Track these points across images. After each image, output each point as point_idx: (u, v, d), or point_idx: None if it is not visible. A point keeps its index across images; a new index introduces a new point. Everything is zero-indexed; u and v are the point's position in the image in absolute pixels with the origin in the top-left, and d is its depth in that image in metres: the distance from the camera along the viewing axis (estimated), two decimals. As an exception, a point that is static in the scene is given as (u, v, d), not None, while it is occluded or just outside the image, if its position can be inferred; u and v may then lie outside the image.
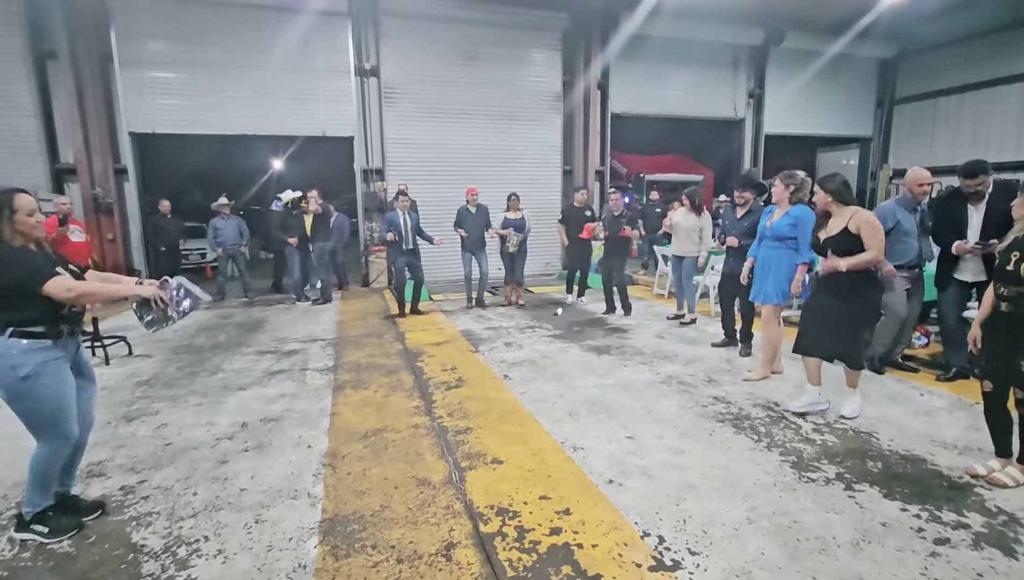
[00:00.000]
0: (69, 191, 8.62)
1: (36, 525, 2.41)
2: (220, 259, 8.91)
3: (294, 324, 6.94)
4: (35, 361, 2.22)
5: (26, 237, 2.25)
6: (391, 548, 2.34)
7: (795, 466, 2.99)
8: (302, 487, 2.87)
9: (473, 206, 7.51)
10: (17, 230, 2.20)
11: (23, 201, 2.22)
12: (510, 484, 2.87)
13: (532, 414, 3.81)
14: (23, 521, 2.42)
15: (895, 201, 4.39)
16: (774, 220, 4.25)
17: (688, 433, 3.45)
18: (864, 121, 13.71)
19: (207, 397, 4.28)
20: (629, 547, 2.33)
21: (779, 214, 4.24)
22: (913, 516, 2.52)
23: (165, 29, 8.72)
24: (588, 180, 11.04)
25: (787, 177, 4.17)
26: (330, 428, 3.63)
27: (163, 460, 3.22)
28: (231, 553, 2.34)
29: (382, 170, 9.99)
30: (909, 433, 3.39)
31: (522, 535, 2.43)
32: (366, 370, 4.94)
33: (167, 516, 2.62)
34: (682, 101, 11.98)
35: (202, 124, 9.17)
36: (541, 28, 10.50)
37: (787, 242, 4.14)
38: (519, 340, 5.90)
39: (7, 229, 2.18)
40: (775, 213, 4.29)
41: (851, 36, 11.46)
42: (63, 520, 2.47)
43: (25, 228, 2.22)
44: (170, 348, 5.84)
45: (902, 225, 4.24)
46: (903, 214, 4.26)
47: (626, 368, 4.82)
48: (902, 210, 4.28)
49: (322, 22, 9.06)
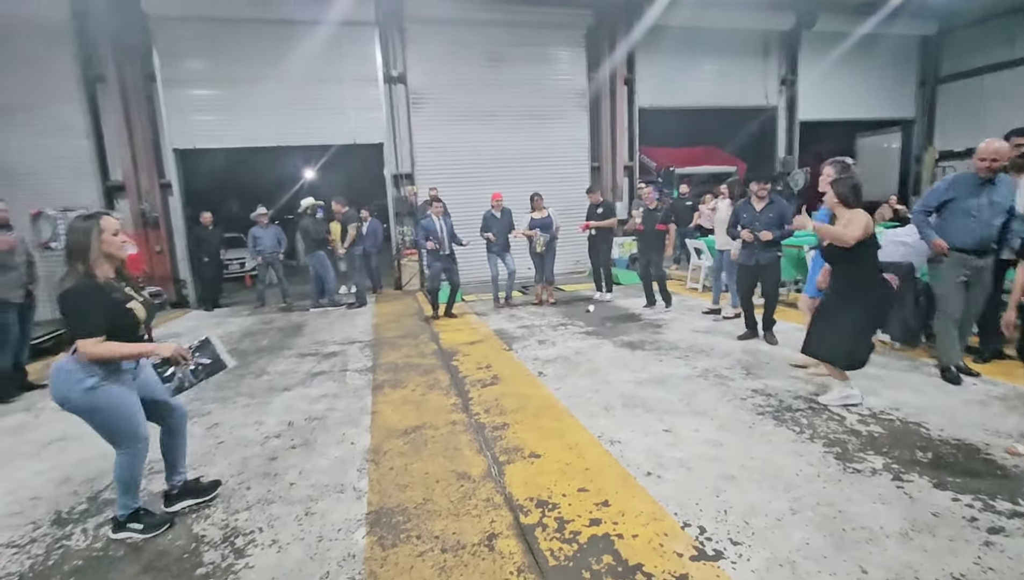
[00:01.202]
0: (119, 206, 9.11)
1: (131, 523, 2.57)
2: (259, 267, 9.24)
3: (331, 327, 7.16)
4: (98, 373, 2.35)
5: (111, 258, 2.41)
6: (435, 538, 2.42)
7: (839, 457, 2.93)
8: (348, 481, 2.98)
9: (498, 211, 7.63)
10: (104, 251, 2.35)
11: (109, 222, 2.39)
12: (548, 477, 2.91)
13: (568, 409, 3.84)
14: (118, 522, 2.57)
15: (954, 176, 4.01)
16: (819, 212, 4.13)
17: (726, 426, 3.41)
18: (906, 102, 13.14)
19: (254, 398, 4.47)
20: (670, 537, 2.34)
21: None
22: (966, 506, 2.44)
23: (202, 48, 9.12)
24: (617, 176, 10.98)
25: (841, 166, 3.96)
26: (371, 425, 3.75)
27: (217, 457, 3.39)
28: (285, 543, 2.45)
29: (412, 175, 10.18)
30: (960, 422, 3.28)
31: (562, 526, 2.46)
32: (403, 370, 5.06)
33: (224, 509, 2.77)
34: (711, 91, 11.75)
35: (239, 137, 9.53)
36: (565, 26, 10.50)
37: None
38: (552, 337, 5.93)
39: (95, 250, 2.32)
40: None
41: (887, 14, 11.01)
42: (156, 516, 2.64)
43: (111, 248, 2.38)
44: (217, 353, 6.09)
45: (959, 203, 3.82)
46: (961, 190, 3.84)
47: (661, 363, 4.80)
48: (960, 185, 3.86)
49: (349, 32, 9.29)
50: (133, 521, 2.57)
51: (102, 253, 2.35)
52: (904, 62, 12.84)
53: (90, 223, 2.33)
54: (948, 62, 12.60)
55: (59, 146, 8.79)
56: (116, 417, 2.41)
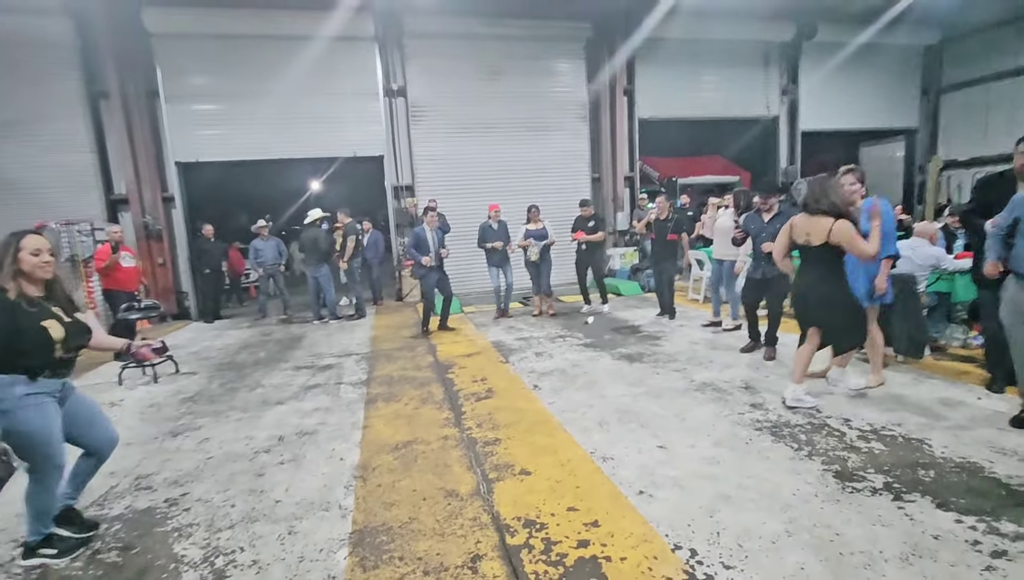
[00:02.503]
0: (122, 220, 9.17)
1: (44, 549, 2.49)
2: (260, 279, 9.26)
3: (329, 339, 7.13)
4: (13, 395, 2.27)
5: (28, 276, 2.35)
6: (418, 560, 2.35)
7: (838, 476, 2.85)
8: (334, 499, 2.92)
9: (495, 222, 7.63)
10: (21, 269, 2.32)
11: (32, 241, 2.35)
12: (538, 495, 2.84)
13: (561, 424, 3.77)
14: (29, 548, 2.48)
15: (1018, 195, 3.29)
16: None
17: (723, 442, 3.33)
18: (908, 112, 13.08)
19: (247, 412, 4.43)
20: (659, 560, 2.26)
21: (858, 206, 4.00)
22: (968, 528, 2.35)
23: (204, 64, 9.24)
24: (617, 186, 10.96)
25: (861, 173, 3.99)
26: (362, 441, 3.70)
27: (204, 473, 3.35)
28: (265, 564, 2.40)
29: (412, 187, 10.21)
30: (965, 439, 3.18)
31: (549, 547, 2.39)
32: (398, 383, 5.01)
33: (207, 527, 2.72)
34: (711, 102, 11.75)
35: (241, 151, 9.61)
36: (564, 39, 10.56)
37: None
38: (549, 350, 5.87)
39: (6, 267, 2.29)
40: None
41: (887, 24, 11.00)
42: (70, 541, 2.55)
43: (27, 266, 2.33)
44: (214, 365, 6.09)
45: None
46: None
47: (658, 376, 4.72)
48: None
49: (350, 47, 9.38)
50: (45, 547, 2.49)
51: (15, 270, 2.31)
52: (907, 71, 12.80)
53: (9, 240, 2.32)
54: (951, 71, 12.55)
55: (63, 160, 8.89)
56: (31, 442, 2.31)
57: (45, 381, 2.39)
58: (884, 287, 3.87)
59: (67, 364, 2.51)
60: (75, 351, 2.53)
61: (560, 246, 7.89)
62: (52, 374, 2.42)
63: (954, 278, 4.85)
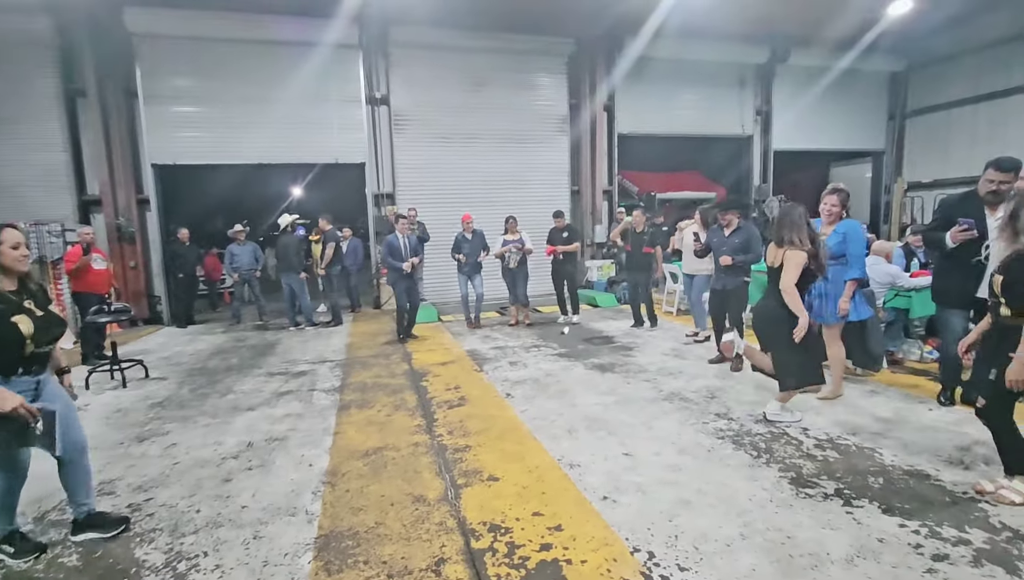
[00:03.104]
0: (94, 221, 9.00)
1: (3, 545, 2.49)
2: (236, 284, 9.15)
3: (304, 346, 7.08)
4: None
5: (7, 269, 2.35)
6: (383, 564, 2.38)
7: (793, 482, 2.96)
8: (301, 504, 2.93)
9: (469, 232, 7.73)
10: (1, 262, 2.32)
11: (8, 234, 2.34)
12: (504, 501, 2.88)
13: (531, 432, 3.83)
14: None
15: None
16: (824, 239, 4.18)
17: (687, 450, 3.43)
18: (876, 134, 13.60)
19: (216, 418, 4.39)
20: (619, 563, 2.33)
21: (828, 232, 4.12)
22: (912, 532, 2.47)
23: (186, 66, 9.16)
24: (596, 199, 11.14)
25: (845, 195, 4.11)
26: (332, 447, 3.70)
27: (170, 479, 3.31)
28: (228, 568, 2.39)
29: (393, 195, 10.23)
30: (914, 448, 3.33)
31: (512, 551, 2.44)
32: (371, 390, 5.01)
33: (170, 532, 2.70)
34: (689, 120, 12.06)
35: (221, 155, 9.52)
36: (547, 53, 10.75)
37: (839, 260, 4.01)
38: (524, 359, 5.93)
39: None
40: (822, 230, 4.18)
41: (857, 51, 11.49)
42: (30, 543, 2.56)
43: (7, 260, 2.32)
44: (185, 371, 6.00)
45: None
46: None
47: (629, 385, 4.82)
48: None
49: (334, 54, 9.41)
50: (6, 543, 2.50)
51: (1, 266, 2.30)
52: (874, 96, 13.33)
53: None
54: (915, 97, 13.10)
55: (35, 159, 8.71)
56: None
57: (18, 380, 2.35)
58: (846, 309, 4.03)
59: (40, 360, 2.45)
60: (48, 345, 2.48)
61: (537, 257, 7.99)
62: (26, 371, 2.38)
63: (911, 295, 5.06)
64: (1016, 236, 2.57)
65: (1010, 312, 2.58)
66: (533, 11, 9.60)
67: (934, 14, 10.30)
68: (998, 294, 2.61)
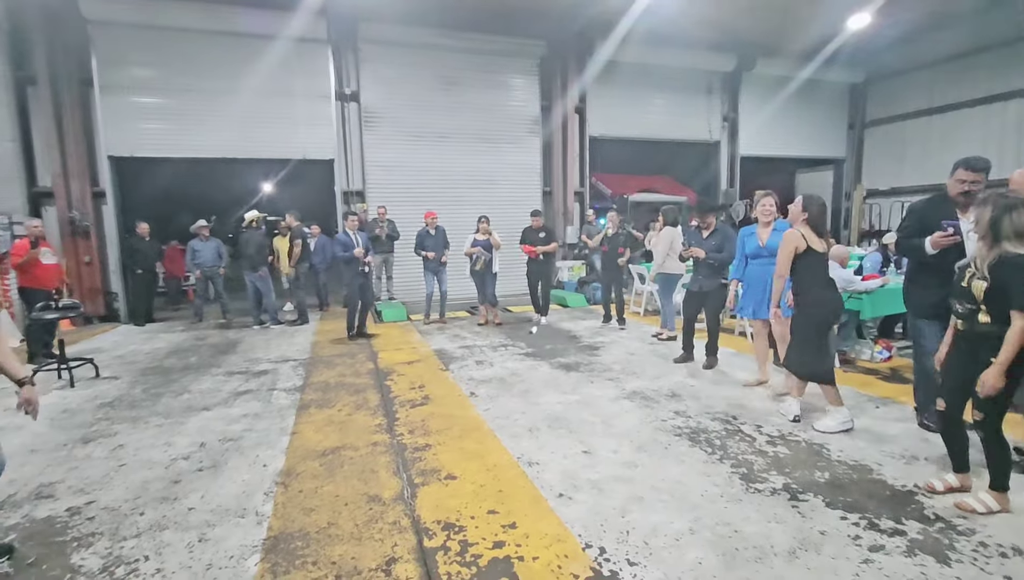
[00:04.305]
0: (46, 214, 8.61)
1: None
2: (198, 281, 8.89)
3: (268, 345, 6.93)
4: None
5: None
6: (332, 564, 2.34)
7: (744, 478, 3.03)
8: (251, 506, 2.86)
9: (432, 229, 7.73)
10: None
11: None
12: (460, 499, 2.87)
13: (493, 431, 3.82)
14: None
15: None
16: (766, 239, 4.37)
17: (644, 447, 3.48)
18: (837, 143, 14.08)
19: (169, 418, 4.25)
20: (570, 559, 2.34)
21: (766, 232, 4.45)
22: (852, 524, 2.55)
23: (146, 55, 8.85)
24: (568, 201, 11.21)
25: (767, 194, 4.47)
26: (288, 447, 3.62)
27: (115, 481, 3.19)
28: (169, 572, 2.32)
29: (363, 192, 10.10)
30: (859, 444, 3.45)
31: (465, 549, 2.43)
32: (334, 389, 4.93)
33: (110, 536, 2.60)
34: (659, 124, 12.26)
35: (183, 148, 9.22)
36: (518, 54, 10.78)
37: None
38: (491, 358, 5.93)
39: None
40: (760, 231, 4.48)
41: (819, 63, 11.88)
42: None
43: None
44: (139, 370, 5.80)
45: None
46: None
47: (592, 384, 4.86)
48: None
49: (302, 48, 9.24)
50: None
51: None
52: (835, 106, 13.80)
53: None
54: (873, 108, 13.62)
55: (-19, 148, 8.29)
56: None
57: None
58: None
59: None
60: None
61: (507, 256, 8.00)
62: None
63: (862, 297, 5.25)
64: (996, 241, 2.49)
65: (990, 319, 2.51)
66: (504, 11, 9.62)
67: (890, 29, 10.75)
68: (978, 301, 2.53)
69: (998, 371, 2.44)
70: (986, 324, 2.53)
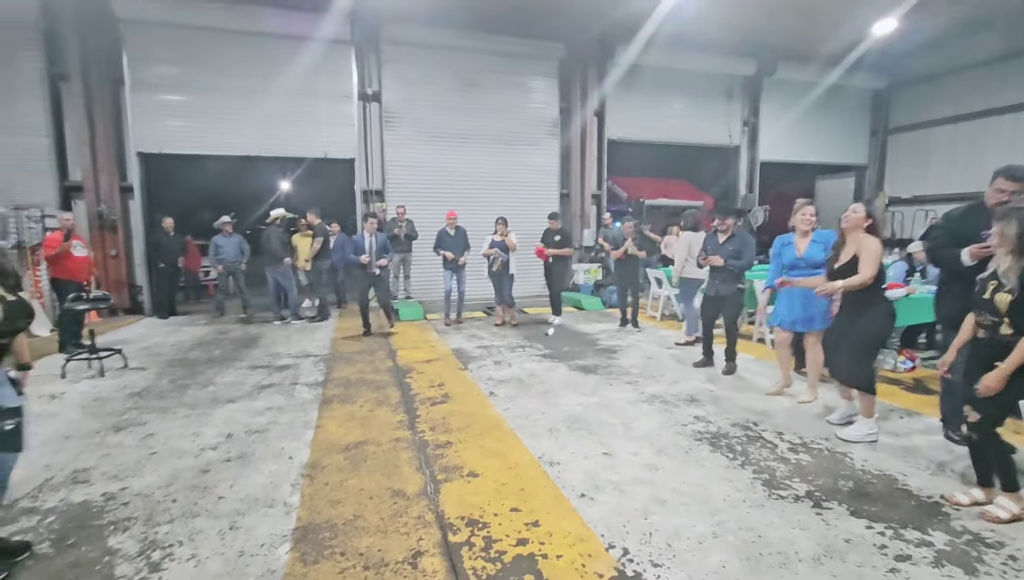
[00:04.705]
0: (76, 208, 8.83)
1: None
2: (220, 276, 9.05)
3: (288, 340, 7.04)
4: None
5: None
6: (359, 555, 2.39)
7: (767, 483, 3.03)
8: (279, 496, 2.92)
9: (452, 229, 7.80)
10: None
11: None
12: (483, 496, 2.91)
13: (513, 430, 3.86)
14: None
15: None
16: (804, 250, 4.29)
17: (664, 450, 3.48)
18: (859, 150, 13.91)
19: (196, 409, 4.35)
20: (593, 558, 2.37)
21: (804, 242, 4.29)
22: (877, 533, 2.54)
23: (175, 54, 9.06)
24: (585, 204, 11.23)
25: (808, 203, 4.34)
26: (313, 440, 3.69)
27: (146, 468, 3.28)
28: (203, 558, 2.39)
29: (382, 191, 10.21)
30: (883, 454, 3.42)
31: (489, 545, 2.47)
32: (355, 385, 5.00)
33: (144, 521, 2.68)
34: (678, 128, 12.23)
35: (209, 145, 9.43)
36: (539, 57, 10.83)
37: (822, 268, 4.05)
38: (508, 358, 5.96)
39: None
40: (798, 241, 4.34)
41: (842, 69, 11.77)
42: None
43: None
44: (165, 361, 5.93)
45: None
46: None
47: (611, 387, 4.87)
48: None
49: (326, 49, 9.38)
50: None
51: None
52: (858, 112, 13.64)
53: None
54: (896, 114, 13.44)
55: (15, 142, 8.53)
56: None
57: None
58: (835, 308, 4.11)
59: (3, 350, 2.36)
60: (12, 335, 2.40)
61: (525, 258, 8.05)
62: None
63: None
64: (1022, 254, 2.48)
65: (1012, 330, 2.51)
66: (526, 14, 9.68)
67: (916, 36, 10.60)
68: (1002, 312, 2.52)
69: (1000, 375, 2.51)
70: (1008, 335, 2.55)
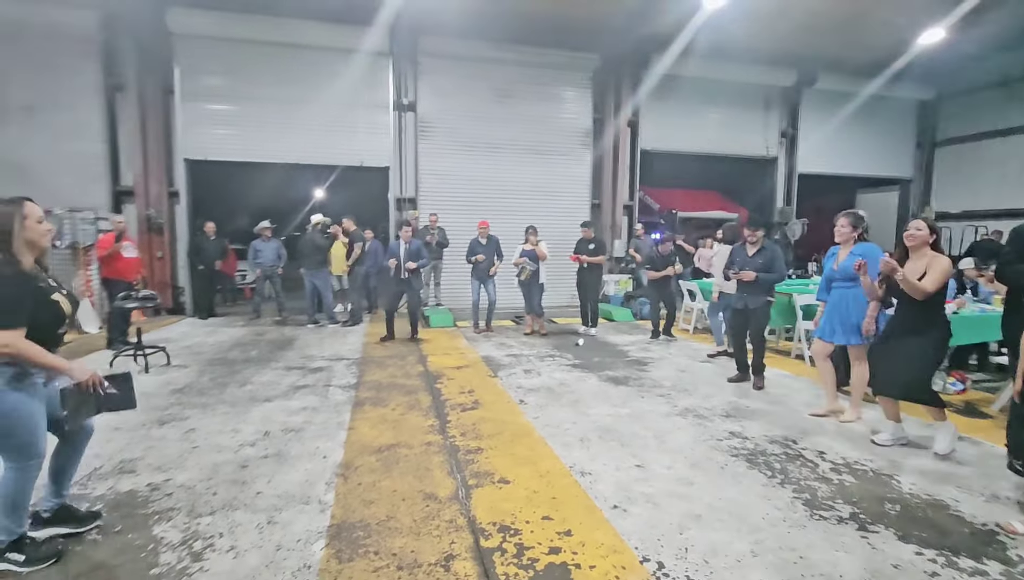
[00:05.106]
0: (126, 211, 9.25)
1: (12, 553, 2.27)
2: (257, 279, 9.33)
3: (322, 343, 7.19)
4: (5, 374, 2.13)
5: (33, 245, 2.24)
6: (392, 555, 2.41)
7: (808, 503, 2.92)
8: (314, 494, 2.98)
9: (484, 238, 7.85)
10: (27, 238, 2.20)
11: (33, 208, 2.26)
12: (514, 503, 2.90)
13: (544, 438, 3.84)
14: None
15: None
16: (840, 261, 4.21)
17: (699, 465, 3.41)
18: (903, 162, 13.46)
19: (235, 406, 4.48)
20: (627, 570, 2.32)
21: (844, 254, 4.21)
22: (928, 560, 2.42)
23: (221, 66, 9.47)
24: (616, 214, 11.17)
25: (855, 218, 4.21)
26: (346, 441, 3.75)
27: (188, 462, 3.39)
28: (243, 550, 2.44)
29: (415, 199, 10.38)
30: (933, 478, 3.27)
31: (521, 552, 2.45)
32: (386, 389, 5.07)
33: (187, 512, 2.77)
34: (713, 139, 12.07)
35: (251, 153, 9.79)
36: (572, 68, 10.89)
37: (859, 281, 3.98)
38: (538, 367, 5.95)
39: (17, 235, 2.17)
40: (840, 254, 4.26)
41: (886, 78, 11.43)
42: (41, 549, 2.34)
43: (34, 234, 2.23)
44: (205, 360, 6.13)
45: None
46: None
47: (642, 399, 4.80)
48: None
49: (365, 61, 9.64)
50: (14, 551, 2.27)
51: (25, 239, 2.18)
52: (902, 123, 13.22)
53: (12, 208, 2.18)
54: (944, 126, 12.97)
55: (74, 149, 9.02)
56: (16, 426, 2.17)
57: None
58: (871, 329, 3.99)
59: (61, 342, 2.43)
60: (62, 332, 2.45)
61: (555, 267, 8.04)
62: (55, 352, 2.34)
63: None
64: None
65: None
66: (560, 26, 9.75)
67: (965, 46, 10.22)
68: None
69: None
70: None
